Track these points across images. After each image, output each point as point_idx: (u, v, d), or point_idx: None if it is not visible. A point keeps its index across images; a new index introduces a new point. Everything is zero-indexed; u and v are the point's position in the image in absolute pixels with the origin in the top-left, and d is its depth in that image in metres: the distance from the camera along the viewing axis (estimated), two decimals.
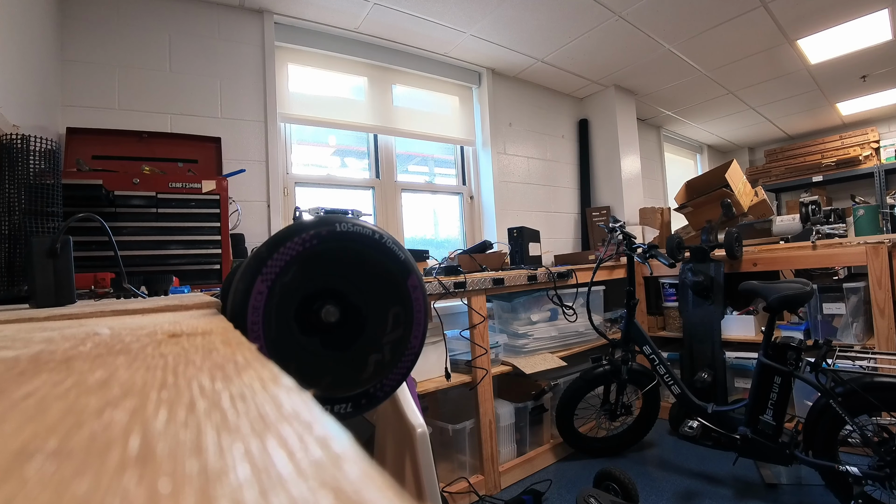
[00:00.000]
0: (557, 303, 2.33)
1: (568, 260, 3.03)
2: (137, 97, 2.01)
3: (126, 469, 0.11)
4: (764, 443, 1.73)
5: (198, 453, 0.12)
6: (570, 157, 3.77)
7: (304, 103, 2.52)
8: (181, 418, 0.15)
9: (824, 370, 1.60)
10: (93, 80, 1.93)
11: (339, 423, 0.15)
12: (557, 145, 3.67)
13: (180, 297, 0.97)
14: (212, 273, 1.75)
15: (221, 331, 0.37)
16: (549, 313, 2.44)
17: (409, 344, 0.69)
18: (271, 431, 0.14)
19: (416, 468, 0.88)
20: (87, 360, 0.26)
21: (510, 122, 3.33)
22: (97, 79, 1.94)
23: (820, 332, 2.20)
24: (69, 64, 1.89)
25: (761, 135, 5.31)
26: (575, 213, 3.74)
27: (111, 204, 1.60)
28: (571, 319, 2.36)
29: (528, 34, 2.79)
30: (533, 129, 3.49)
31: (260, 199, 2.27)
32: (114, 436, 0.14)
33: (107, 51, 1.97)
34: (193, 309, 0.65)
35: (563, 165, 3.71)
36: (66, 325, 0.48)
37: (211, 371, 0.22)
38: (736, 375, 2.42)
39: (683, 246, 2.51)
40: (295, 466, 0.12)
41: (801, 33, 2.97)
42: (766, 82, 3.73)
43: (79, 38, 1.92)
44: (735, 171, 2.81)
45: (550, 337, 2.40)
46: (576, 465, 2.22)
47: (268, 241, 0.61)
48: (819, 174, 4.57)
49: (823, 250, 2.13)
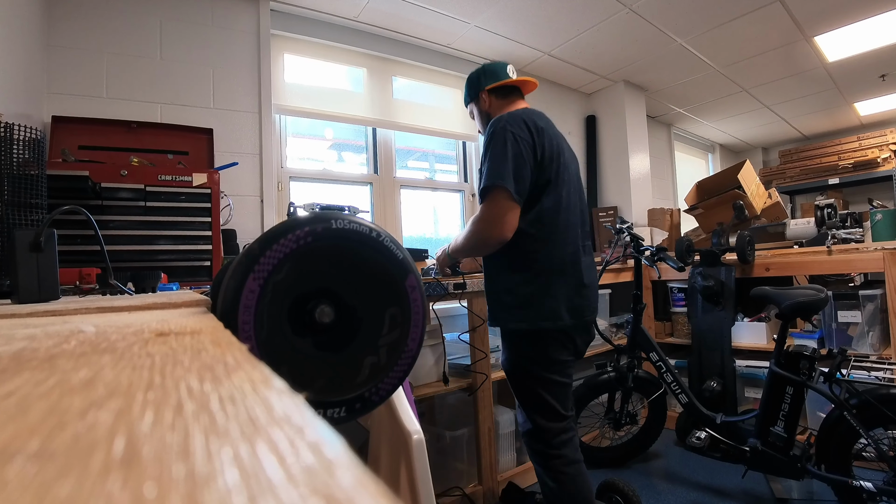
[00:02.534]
0: None
1: None
2: (126, 85, 2.01)
3: (110, 472, 0.11)
4: (775, 455, 1.74)
5: (185, 457, 0.12)
6: (576, 154, 3.77)
7: (301, 94, 2.52)
8: (168, 420, 0.15)
9: (838, 381, 1.60)
10: (80, 67, 1.93)
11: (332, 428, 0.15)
12: None
13: (169, 295, 0.97)
14: (202, 270, 1.75)
15: (211, 330, 0.37)
16: None
17: (406, 346, 0.69)
18: (261, 435, 0.14)
19: (412, 476, 0.88)
20: (70, 359, 0.26)
21: None
22: (84, 65, 1.94)
23: (834, 341, 2.20)
24: (55, 49, 1.89)
25: (776, 134, 5.31)
26: None
27: (98, 196, 1.60)
28: None
29: (535, 26, 2.79)
30: None
31: (253, 194, 2.27)
32: (98, 437, 0.14)
33: (95, 36, 1.97)
34: (182, 307, 0.65)
35: None
36: (49, 322, 0.48)
37: (200, 372, 0.22)
38: (746, 385, 2.42)
39: (693, 249, 2.52)
40: (285, 472, 0.12)
41: (818, 30, 2.97)
42: (782, 80, 3.74)
43: (65, 22, 1.92)
44: (748, 172, 2.81)
45: None
46: None
47: (260, 238, 0.61)
48: (835, 176, 4.57)
49: (839, 256, 2.13)
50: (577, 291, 1.34)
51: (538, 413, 1.35)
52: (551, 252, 1.32)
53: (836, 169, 4.54)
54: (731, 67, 3.48)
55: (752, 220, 2.80)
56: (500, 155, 1.27)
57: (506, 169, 1.25)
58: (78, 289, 1.21)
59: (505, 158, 1.26)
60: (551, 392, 1.34)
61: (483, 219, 1.28)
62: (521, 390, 1.39)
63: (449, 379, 1.92)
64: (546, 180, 1.33)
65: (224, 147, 2.18)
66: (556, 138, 1.39)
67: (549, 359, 1.33)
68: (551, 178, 1.33)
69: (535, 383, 1.34)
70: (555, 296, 1.31)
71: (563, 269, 1.33)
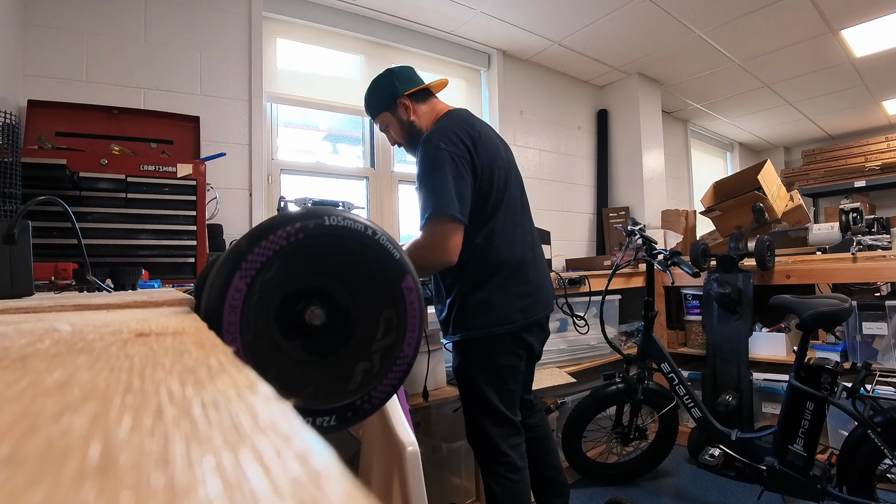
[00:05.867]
0: (567, 312, 2.33)
1: (581, 265, 3.04)
2: (108, 68, 2.01)
3: (85, 480, 0.11)
4: (793, 475, 1.74)
5: (164, 465, 0.12)
6: (586, 150, 3.78)
7: (294, 82, 2.52)
8: (147, 426, 0.16)
9: (862, 397, 1.60)
10: (58, 48, 1.93)
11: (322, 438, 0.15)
12: (573, 137, 3.68)
13: (150, 293, 0.97)
14: (185, 267, 1.75)
15: (194, 331, 0.37)
16: (559, 324, 2.44)
17: (402, 352, 0.69)
18: (246, 444, 0.14)
19: (405, 490, 0.88)
20: (44, 359, 0.26)
21: (521, 110, 3.34)
22: (63, 46, 1.94)
23: (858, 355, 2.20)
24: (32, 29, 1.89)
25: (799, 133, 5.32)
26: (590, 214, 3.74)
27: (76, 186, 1.60)
28: (583, 331, 2.36)
29: (545, 13, 2.80)
30: (546, 119, 3.50)
31: (241, 187, 2.28)
32: (72, 443, 0.14)
33: (75, 15, 1.97)
34: (164, 306, 0.65)
35: (579, 160, 3.71)
36: (22, 320, 0.48)
37: (181, 375, 0.22)
38: (764, 399, 2.43)
39: (709, 253, 2.52)
40: (271, 483, 0.12)
41: (845, 23, 2.97)
42: (806, 76, 3.74)
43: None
44: (769, 173, 2.82)
45: (559, 350, 2.40)
46: (583, 493, 2.22)
47: (248, 234, 0.61)
48: (862, 179, 4.56)
49: (864, 263, 2.14)
50: (525, 290, 1.42)
51: (487, 418, 1.42)
52: (496, 257, 1.38)
53: (863, 171, 4.54)
54: (752, 61, 3.48)
55: (772, 223, 2.80)
56: (440, 181, 1.29)
57: (448, 195, 1.28)
58: (53, 284, 1.21)
59: (446, 183, 1.28)
60: (500, 397, 1.41)
61: (426, 245, 1.30)
62: (470, 395, 1.45)
63: (429, 393, 1.86)
64: (487, 188, 1.38)
65: (211, 136, 2.18)
66: (487, 135, 1.44)
67: (498, 364, 1.40)
68: (493, 184, 1.39)
69: (485, 388, 1.40)
70: (504, 298, 1.38)
71: (510, 271, 1.40)
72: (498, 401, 1.41)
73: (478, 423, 1.42)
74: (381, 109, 1.52)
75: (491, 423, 1.41)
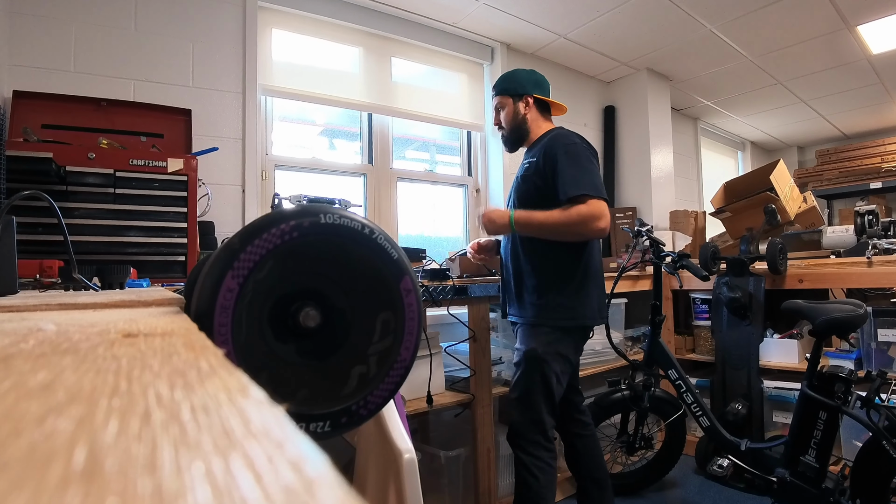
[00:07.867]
0: None
1: None
2: (96, 59, 2.01)
3: (69, 485, 0.11)
4: (805, 488, 1.74)
5: (152, 471, 0.12)
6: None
7: (289, 74, 2.52)
8: (134, 430, 0.16)
9: (877, 406, 1.60)
10: (45, 37, 1.93)
11: (315, 444, 0.15)
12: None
13: (138, 292, 0.97)
14: (175, 265, 1.76)
15: (184, 332, 0.37)
16: None
17: (399, 356, 0.69)
18: (237, 450, 0.14)
19: (401, 499, 0.88)
20: (28, 360, 0.26)
21: None
22: (50, 35, 1.94)
23: (873, 363, 2.20)
24: (18, 17, 1.89)
25: (813, 132, 5.32)
26: None
27: (62, 181, 1.60)
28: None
29: (551, 6, 2.80)
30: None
31: (234, 183, 2.28)
32: (57, 447, 0.14)
33: (62, 3, 1.97)
34: (153, 306, 0.65)
35: None
36: (5, 319, 0.48)
37: (170, 378, 0.22)
38: (775, 408, 2.42)
39: (719, 256, 2.52)
40: (262, 491, 0.12)
41: (862, 18, 2.97)
42: (821, 73, 3.74)
43: None
44: (781, 173, 2.82)
45: None
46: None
47: (241, 232, 0.61)
48: (878, 180, 4.57)
49: (880, 268, 2.14)
50: (602, 294, 1.71)
51: (545, 403, 1.58)
52: (592, 260, 1.66)
53: (879, 172, 4.54)
54: (765, 57, 3.48)
55: (784, 225, 2.80)
56: (593, 170, 1.56)
57: (601, 184, 1.56)
58: (38, 282, 1.21)
59: (598, 175, 1.58)
60: (556, 390, 1.59)
61: (597, 216, 1.49)
62: (536, 377, 1.59)
63: (433, 398, 1.88)
64: None
65: (203, 130, 2.18)
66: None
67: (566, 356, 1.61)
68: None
69: (552, 376, 1.58)
70: (594, 297, 1.64)
71: (596, 274, 1.67)
72: (555, 391, 1.59)
73: (536, 407, 1.58)
74: (508, 93, 1.73)
75: (546, 410, 1.58)
